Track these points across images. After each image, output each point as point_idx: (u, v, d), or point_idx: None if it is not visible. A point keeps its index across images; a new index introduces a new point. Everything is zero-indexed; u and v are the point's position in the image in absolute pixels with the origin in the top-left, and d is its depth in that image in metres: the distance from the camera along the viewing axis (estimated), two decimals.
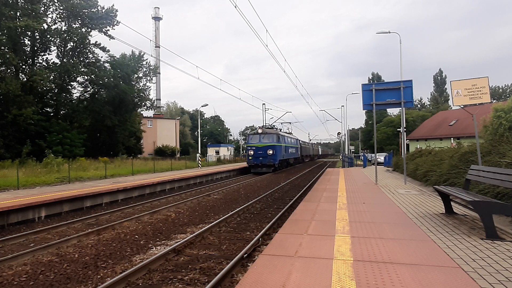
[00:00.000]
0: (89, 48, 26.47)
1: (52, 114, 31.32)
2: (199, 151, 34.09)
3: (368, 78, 68.31)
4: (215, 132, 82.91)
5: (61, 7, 23.27)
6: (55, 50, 25.19)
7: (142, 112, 43.91)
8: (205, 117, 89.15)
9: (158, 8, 40.11)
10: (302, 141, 44.59)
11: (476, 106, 10.12)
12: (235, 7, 11.90)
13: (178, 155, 52.56)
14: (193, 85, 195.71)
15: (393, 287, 3.20)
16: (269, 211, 9.97)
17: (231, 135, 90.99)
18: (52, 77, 27.16)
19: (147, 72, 34.42)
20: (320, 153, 77.27)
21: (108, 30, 25.09)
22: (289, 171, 29.33)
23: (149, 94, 38.29)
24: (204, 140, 73.20)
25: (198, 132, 41.02)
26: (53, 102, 31.42)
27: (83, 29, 24.71)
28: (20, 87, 23.87)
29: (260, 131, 27.90)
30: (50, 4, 23.13)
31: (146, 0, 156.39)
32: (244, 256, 5.39)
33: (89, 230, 7.57)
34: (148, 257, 5.73)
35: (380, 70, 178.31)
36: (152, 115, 54.14)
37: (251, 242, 6.02)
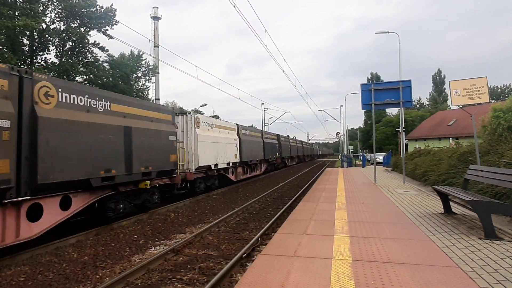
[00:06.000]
0: (88, 48, 26.27)
1: None
2: None
3: (367, 78, 68.17)
4: None
5: (60, 7, 23.17)
6: (53, 49, 25.01)
7: None
8: None
9: (157, 7, 39.85)
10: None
11: (474, 106, 10.15)
12: (234, 6, 11.86)
13: None
14: (193, 85, 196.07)
15: (392, 286, 3.20)
16: (268, 211, 9.97)
17: None
18: None
19: (146, 72, 34.33)
20: (297, 153, 39.30)
21: (107, 29, 24.99)
22: (287, 171, 28.61)
23: (148, 94, 38.15)
24: None
25: None
26: None
27: (82, 29, 24.58)
28: None
29: None
30: (49, 3, 23.03)
31: (149, 0, 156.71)
32: (243, 256, 5.39)
33: None
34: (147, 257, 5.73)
35: (382, 70, 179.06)
36: None
37: (250, 242, 6.01)
